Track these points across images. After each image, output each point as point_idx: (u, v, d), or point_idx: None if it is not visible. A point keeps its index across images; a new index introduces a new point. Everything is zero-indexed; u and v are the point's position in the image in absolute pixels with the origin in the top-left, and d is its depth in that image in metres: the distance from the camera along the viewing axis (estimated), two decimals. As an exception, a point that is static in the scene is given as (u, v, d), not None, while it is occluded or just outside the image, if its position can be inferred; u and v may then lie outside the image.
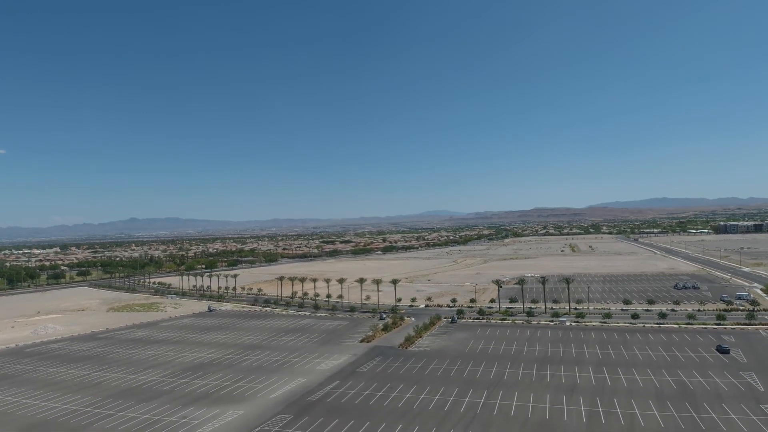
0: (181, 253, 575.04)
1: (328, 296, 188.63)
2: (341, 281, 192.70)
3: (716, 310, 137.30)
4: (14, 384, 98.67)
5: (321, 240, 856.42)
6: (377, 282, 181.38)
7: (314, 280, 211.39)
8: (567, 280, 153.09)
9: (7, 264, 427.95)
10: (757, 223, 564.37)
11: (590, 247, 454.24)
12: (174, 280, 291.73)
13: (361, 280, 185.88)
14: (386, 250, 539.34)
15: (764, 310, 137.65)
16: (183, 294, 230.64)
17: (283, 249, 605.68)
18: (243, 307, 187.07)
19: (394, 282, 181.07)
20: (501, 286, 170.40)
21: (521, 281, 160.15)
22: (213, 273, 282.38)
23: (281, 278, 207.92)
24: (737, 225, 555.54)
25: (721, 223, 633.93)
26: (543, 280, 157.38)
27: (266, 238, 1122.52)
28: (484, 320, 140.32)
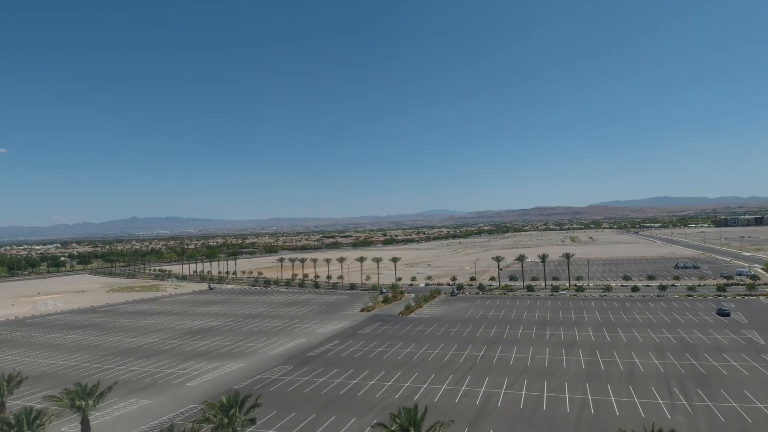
0: (182, 246, 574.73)
1: (329, 277, 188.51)
2: (341, 260, 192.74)
3: (716, 284, 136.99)
4: (13, 347, 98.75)
5: (322, 235, 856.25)
6: (377, 260, 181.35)
7: (314, 260, 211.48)
8: (567, 256, 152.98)
9: (8, 256, 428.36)
10: (757, 216, 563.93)
11: (591, 238, 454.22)
12: (174, 268, 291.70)
13: (361, 259, 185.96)
14: (387, 242, 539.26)
15: (765, 284, 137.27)
16: (183, 278, 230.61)
17: (284, 242, 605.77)
18: (243, 287, 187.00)
19: (394, 260, 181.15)
20: (501, 268, 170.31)
21: (521, 257, 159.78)
22: (213, 261, 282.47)
23: (281, 260, 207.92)
24: (737, 218, 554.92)
25: (722, 217, 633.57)
26: (543, 257, 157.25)
27: (267, 235, 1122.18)
28: (484, 294, 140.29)
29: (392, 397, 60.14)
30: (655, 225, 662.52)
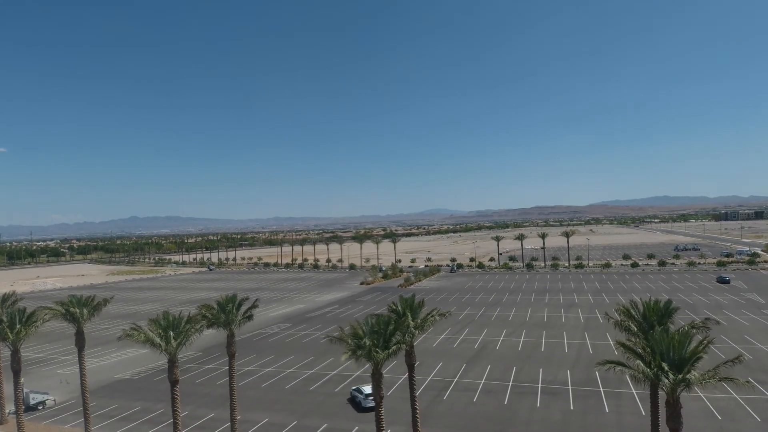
0: (182, 240, 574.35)
1: (328, 260, 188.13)
2: (341, 242, 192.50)
3: (717, 261, 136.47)
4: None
5: (322, 232, 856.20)
6: (377, 242, 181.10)
7: (314, 244, 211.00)
8: (567, 234, 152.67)
9: (7, 248, 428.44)
10: (757, 210, 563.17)
11: (591, 230, 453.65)
12: (174, 258, 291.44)
13: (361, 240, 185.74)
14: (387, 236, 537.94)
15: (764, 261, 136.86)
16: (183, 264, 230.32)
17: (284, 237, 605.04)
18: (243, 269, 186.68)
19: (394, 241, 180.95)
20: (501, 253, 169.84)
21: (521, 236, 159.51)
22: (213, 251, 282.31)
23: (281, 243, 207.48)
24: (737, 212, 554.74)
25: (722, 211, 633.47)
26: (543, 236, 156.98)
27: (266, 233, 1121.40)
28: (483, 271, 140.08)
29: (390, 344, 59.85)
30: (655, 220, 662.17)
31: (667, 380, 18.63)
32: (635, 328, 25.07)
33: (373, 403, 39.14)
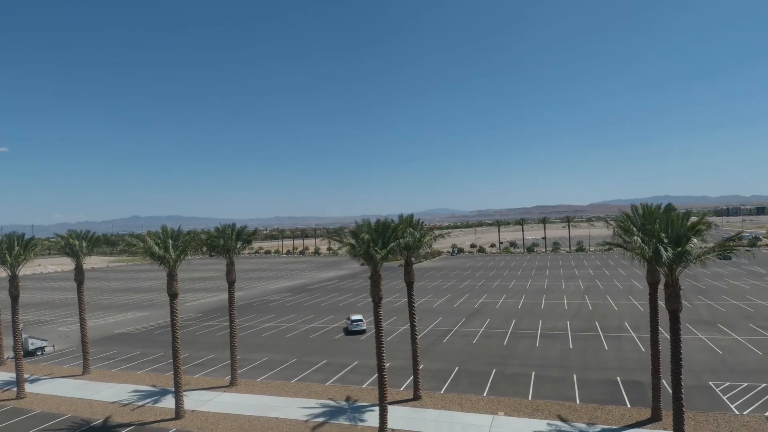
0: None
1: (329, 248, 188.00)
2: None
3: (718, 243, 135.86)
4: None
5: (324, 229, 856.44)
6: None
7: (315, 237, 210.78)
8: (568, 219, 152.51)
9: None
10: (759, 207, 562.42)
11: (592, 225, 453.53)
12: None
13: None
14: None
15: (766, 245, 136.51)
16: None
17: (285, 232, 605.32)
18: (243, 255, 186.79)
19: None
20: (502, 242, 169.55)
21: (522, 221, 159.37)
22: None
23: (282, 237, 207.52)
24: (739, 209, 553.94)
25: (723, 207, 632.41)
26: (544, 221, 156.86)
27: (268, 230, 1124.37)
28: (484, 254, 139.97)
29: (392, 306, 60.14)
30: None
31: (665, 253, 18.56)
32: (635, 229, 24.92)
33: (356, 328, 45.53)
